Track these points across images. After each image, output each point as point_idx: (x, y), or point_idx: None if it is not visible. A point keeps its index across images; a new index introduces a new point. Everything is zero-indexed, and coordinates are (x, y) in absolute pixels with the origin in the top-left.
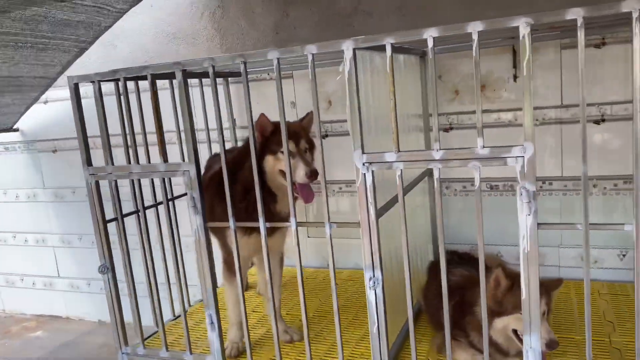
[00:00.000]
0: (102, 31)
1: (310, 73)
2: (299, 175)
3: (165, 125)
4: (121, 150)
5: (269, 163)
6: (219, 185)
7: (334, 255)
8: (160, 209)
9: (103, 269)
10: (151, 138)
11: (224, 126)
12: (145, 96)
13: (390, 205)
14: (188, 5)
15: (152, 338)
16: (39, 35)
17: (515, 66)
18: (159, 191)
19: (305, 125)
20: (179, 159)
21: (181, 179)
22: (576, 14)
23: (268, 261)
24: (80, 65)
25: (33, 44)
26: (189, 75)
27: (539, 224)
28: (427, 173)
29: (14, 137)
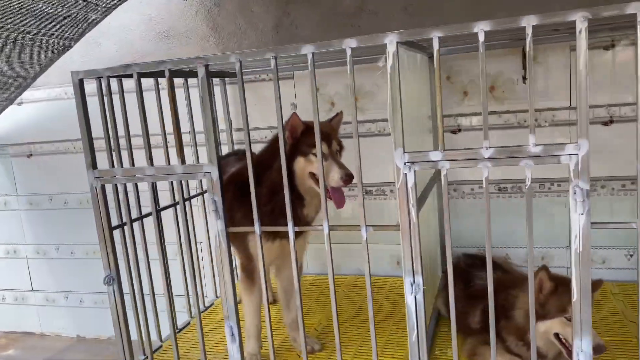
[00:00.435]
0: (89, 28)
1: (349, 69)
2: (334, 179)
3: (163, 127)
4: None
5: (300, 165)
6: (238, 187)
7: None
8: (165, 213)
9: (109, 280)
10: (154, 140)
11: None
12: (149, 95)
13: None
14: (181, 2)
15: (158, 353)
16: (23, 30)
17: (524, 67)
18: (161, 195)
19: (335, 125)
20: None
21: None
22: (636, 8)
23: (297, 267)
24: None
25: (15, 39)
26: (176, 74)
27: (592, 223)
28: (437, 176)
29: None
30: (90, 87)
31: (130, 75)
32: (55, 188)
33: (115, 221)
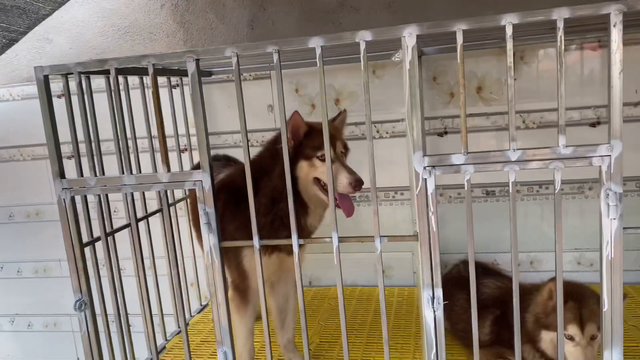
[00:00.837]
0: (39, 20)
1: (363, 64)
2: (342, 185)
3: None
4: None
5: (303, 170)
6: (230, 196)
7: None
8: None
9: (80, 305)
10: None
11: (181, 132)
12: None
13: None
14: None
15: None
16: None
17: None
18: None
19: (339, 125)
20: (151, 169)
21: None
22: None
23: (300, 283)
24: (5, 62)
25: None
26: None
27: (624, 228)
28: None
29: None
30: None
31: (105, 72)
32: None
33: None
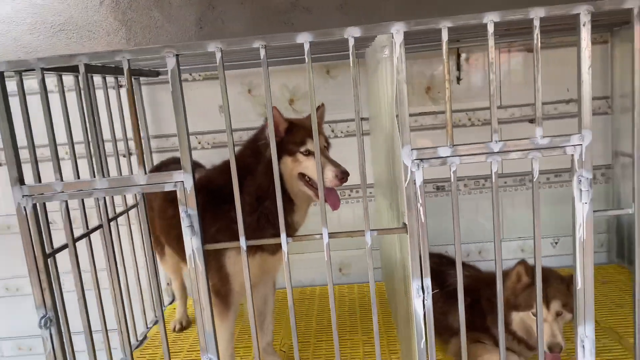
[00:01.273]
0: None
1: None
2: (328, 178)
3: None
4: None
5: (287, 166)
6: (209, 197)
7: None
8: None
9: (46, 322)
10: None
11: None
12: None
13: None
14: None
15: None
16: None
17: (459, 68)
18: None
19: (318, 120)
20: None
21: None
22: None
23: (290, 284)
24: None
25: None
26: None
27: (594, 211)
28: None
29: None
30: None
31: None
32: None
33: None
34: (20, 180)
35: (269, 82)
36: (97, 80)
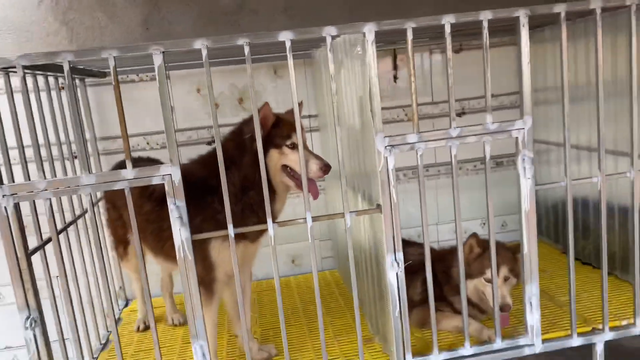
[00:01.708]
0: None
1: (330, 57)
2: (312, 170)
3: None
4: None
5: (273, 158)
6: (192, 189)
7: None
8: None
9: (32, 323)
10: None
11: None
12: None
13: None
14: None
15: None
16: None
17: (395, 68)
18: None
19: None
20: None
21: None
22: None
23: (277, 267)
24: None
25: None
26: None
27: (536, 185)
28: None
29: None
30: None
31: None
32: None
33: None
34: (0, 180)
35: (253, 79)
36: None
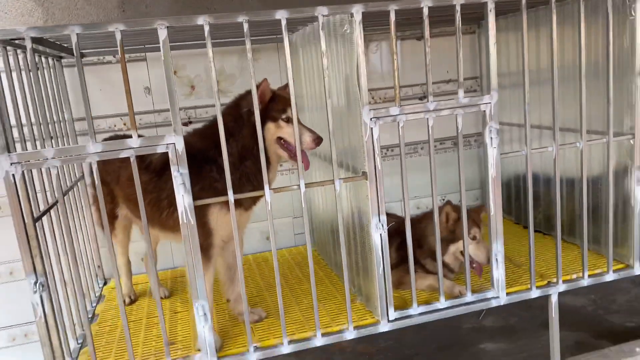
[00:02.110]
0: None
1: (323, 36)
2: (306, 142)
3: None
4: None
5: (270, 130)
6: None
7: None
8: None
9: (41, 287)
10: None
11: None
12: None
13: None
14: None
15: None
16: None
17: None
18: None
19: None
20: None
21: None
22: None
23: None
24: None
25: None
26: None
27: (501, 153)
28: None
29: None
30: None
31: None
32: None
33: None
34: (8, 148)
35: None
36: None
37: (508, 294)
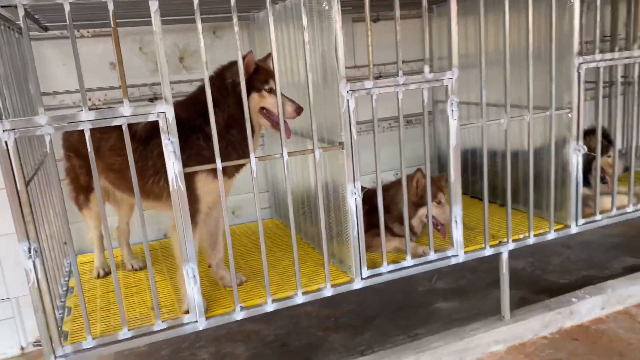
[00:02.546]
0: None
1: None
2: (288, 112)
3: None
4: None
5: (254, 100)
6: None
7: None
8: None
9: (34, 253)
10: None
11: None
12: None
13: None
14: None
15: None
16: None
17: None
18: None
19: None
20: None
21: None
22: None
23: (259, 200)
24: None
25: None
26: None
27: (460, 125)
28: None
29: None
30: None
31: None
32: None
33: None
34: (0, 116)
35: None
36: None
37: (466, 252)
